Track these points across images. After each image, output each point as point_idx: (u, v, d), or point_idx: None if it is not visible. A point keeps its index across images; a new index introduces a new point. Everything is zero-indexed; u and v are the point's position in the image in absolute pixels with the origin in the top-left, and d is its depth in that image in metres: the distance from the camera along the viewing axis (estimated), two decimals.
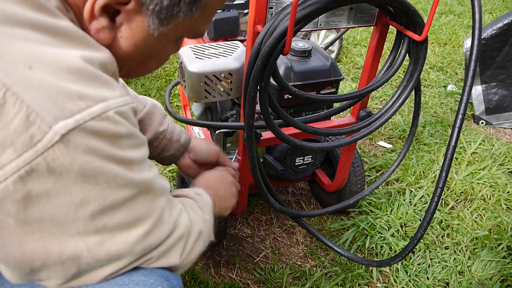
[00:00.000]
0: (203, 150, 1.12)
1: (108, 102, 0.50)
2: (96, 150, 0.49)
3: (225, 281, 1.36)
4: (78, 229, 0.52)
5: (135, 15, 0.55)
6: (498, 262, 1.45)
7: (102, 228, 0.54)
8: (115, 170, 0.52)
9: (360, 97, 1.08)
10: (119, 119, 0.51)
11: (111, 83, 0.53)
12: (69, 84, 0.47)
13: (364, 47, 3.23)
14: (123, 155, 0.53)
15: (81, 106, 0.47)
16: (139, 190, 0.56)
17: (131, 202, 0.56)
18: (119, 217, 0.55)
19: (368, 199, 1.68)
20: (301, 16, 0.82)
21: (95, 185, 0.50)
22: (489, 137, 2.16)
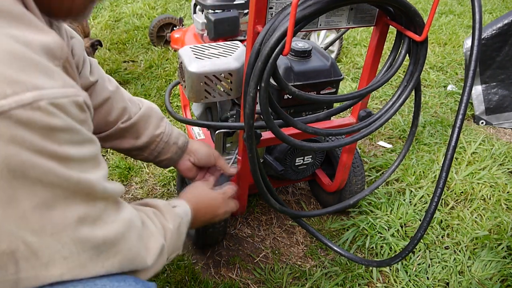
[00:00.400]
0: (204, 153, 1.13)
1: (42, 91, 0.45)
2: (24, 141, 0.44)
3: (225, 281, 1.36)
4: (10, 231, 0.47)
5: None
6: (498, 262, 1.45)
7: (39, 230, 0.49)
8: (47, 165, 0.47)
9: (360, 97, 1.08)
10: (53, 111, 0.46)
11: (51, 71, 0.48)
12: (5, 66, 0.43)
13: (364, 47, 3.23)
14: (57, 150, 0.48)
15: (7, 92, 0.42)
16: (76, 190, 0.51)
17: (67, 202, 0.51)
18: (56, 217, 0.50)
19: (368, 199, 1.68)
20: (301, 17, 0.82)
21: (24, 181, 0.45)
22: (489, 137, 2.16)
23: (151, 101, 1.13)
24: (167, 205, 0.81)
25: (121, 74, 2.57)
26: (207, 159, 1.13)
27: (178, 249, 0.80)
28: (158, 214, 0.77)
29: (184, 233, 0.83)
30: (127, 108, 1.02)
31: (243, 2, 1.52)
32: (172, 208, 0.82)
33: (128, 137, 1.03)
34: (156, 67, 2.67)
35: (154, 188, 1.71)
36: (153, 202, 0.80)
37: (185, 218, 0.85)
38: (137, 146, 1.05)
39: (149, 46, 2.97)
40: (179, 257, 1.41)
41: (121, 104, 1.01)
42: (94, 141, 0.56)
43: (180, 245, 0.80)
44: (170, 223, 0.76)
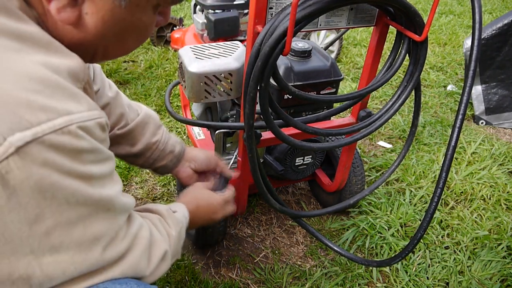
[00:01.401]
0: (203, 158, 1.13)
1: (72, 116, 0.48)
2: (55, 164, 0.47)
3: (225, 281, 1.36)
4: (32, 247, 0.49)
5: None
6: (498, 262, 1.45)
7: (58, 246, 0.51)
8: (74, 185, 0.50)
9: (360, 97, 1.08)
10: (82, 134, 0.49)
11: (78, 96, 0.51)
12: (31, 94, 0.45)
13: (364, 47, 3.23)
14: (83, 170, 0.50)
15: (41, 119, 0.45)
16: (98, 207, 0.54)
17: (90, 220, 0.53)
18: (76, 234, 0.52)
19: (368, 199, 1.68)
20: (301, 17, 0.82)
21: (52, 201, 0.48)
22: (489, 137, 2.17)
23: (151, 101, 1.13)
24: (168, 211, 0.82)
25: (121, 74, 2.57)
26: (207, 163, 1.13)
27: (178, 254, 0.81)
28: (162, 220, 0.78)
29: (183, 237, 0.84)
30: (124, 114, 1.01)
31: (243, 2, 1.52)
32: (173, 214, 0.83)
33: (123, 143, 1.03)
34: (156, 67, 2.67)
35: (154, 188, 1.71)
36: (155, 208, 0.81)
37: (184, 222, 0.86)
38: (132, 153, 1.04)
39: (149, 46, 2.97)
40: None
41: (119, 110, 1.00)
42: (112, 157, 0.59)
43: (179, 249, 0.82)
44: (173, 230, 0.78)
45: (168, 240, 0.75)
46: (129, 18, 0.56)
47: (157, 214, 0.80)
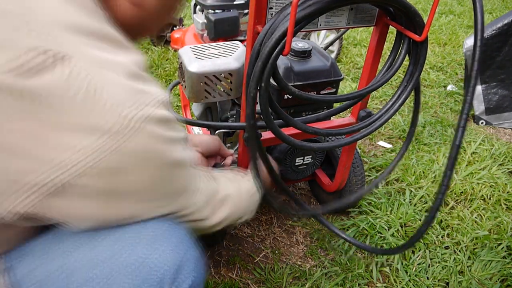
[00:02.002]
0: (209, 141, 1.16)
1: (158, 95, 0.59)
2: (160, 134, 0.58)
3: (225, 281, 1.36)
4: (141, 201, 0.63)
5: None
6: (498, 262, 1.45)
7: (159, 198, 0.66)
8: (171, 150, 0.62)
9: (360, 97, 1.08)
10: (167, 107, 0.60)
11: (154, 81, 0.62)
12: (134, 83, 0.56)
13: (364, 47, 3.23)
14: (175, 136, 0.62)
15: (146, 99, 0.56)
16: (185, 166, 0.68)
17: (182, 176, 0.68)
18: (172, 189, 0.67)
19: (368, 199, 1.68)
20: (301, 17, 0.82)
21: (160, 165, 0.60)
22: (489, 137, 2.17)
23: None
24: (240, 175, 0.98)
25: None
26: (213, 146, 1.17)
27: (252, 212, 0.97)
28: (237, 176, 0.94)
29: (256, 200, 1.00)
30: None
31: (243, 2, 1.52)
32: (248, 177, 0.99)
33: None
34: (156, 67, 2.67)
35: None
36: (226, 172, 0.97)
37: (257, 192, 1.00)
38: None
39: (149, 46, 2.97)
40: None
41: None
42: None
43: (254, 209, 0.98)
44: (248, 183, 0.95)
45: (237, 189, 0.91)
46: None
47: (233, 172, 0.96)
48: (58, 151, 0.52)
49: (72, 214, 0.59)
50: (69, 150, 0.52)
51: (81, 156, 0.53)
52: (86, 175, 0.54)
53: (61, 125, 0.51)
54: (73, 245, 0.63)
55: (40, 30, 0.50)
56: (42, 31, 0.50)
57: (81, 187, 0.55)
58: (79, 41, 0.53)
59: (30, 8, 0.51)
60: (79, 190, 0.55)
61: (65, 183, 0.53)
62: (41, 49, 0.49)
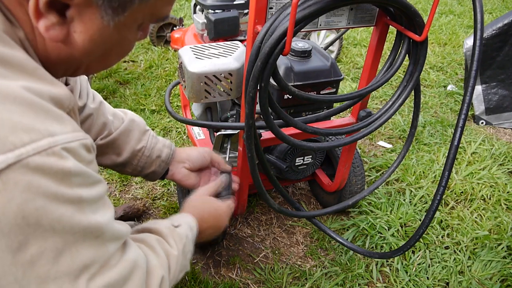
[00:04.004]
0: (196, 156, 1.11)
1: (56, 137, 0.47)
2: (40, 187, 0.45)
3: (225, 281, 1.36)
4: (16, 277, 0.46)
5: (85, 8, 0.50)
6: (498, 262, 1.45)
7: (44, 275, 0.48)
8: (60, 210, 0.47)
9: (360, 97, 1.08)
10: (66, 155, 0.47)
11: (62, 118, 0.50)
12: (14, 115, 0.44)
13: (364, 47, 3.23)
14: (71, 194, 0.48)
15: (24, 140, 0.44)
16: (86, 234, 0.51)
17: (77, 247, 0.50)
18: (63, 263, 0.49)
19: (368, 199, 1.68)
20: (301, 17, 0.82)
21: (36, 227, 0.46)
22: (489, 137, 2.17)
23: (151, 101, 1.12)
24: (170, 228, 0.79)
25: (121, 74, 2.57)
26: (202, 160, 1.12)
27: (185, 267, 0.79)
28: (161, 241, 0.75)
29: (190, 251, 0.81)
30: (107, 124, 0.99)
31: (243, 2, 1.51)
32: (175, 229, 0.80)
33: (109, 153, 1.01)
34: (156, 67, 2.67)
35: (154, 188, 1.71)
36: (155, 227, 0.78)
37: (190, 235, 0.83)
38: (119, 162, 1.02)
39: (149, 46, 2.97)
40: None
41: (102, 119, 0.98)
42: (102, 181, 0.57)
43: (187, 264, 0.80)
44: (174, 249, 0.75)
45: (167, 262, 0.72)
46: (116, 37, 0.56)
47: (157, 234, 0.77)
48: None
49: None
50: None
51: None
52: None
53: None
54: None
55: None
56: None
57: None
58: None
59: None
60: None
61: None
62: None
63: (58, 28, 0.51)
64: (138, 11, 0.54)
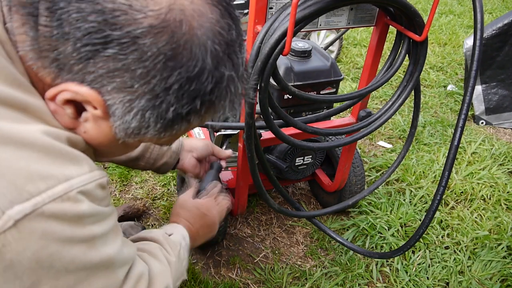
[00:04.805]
0: (202, 146, 1.16)
1: (72, 181, 0.47)
2: (54, 233, 0.46)
3: (225, 281, 1.36)
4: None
5: (102, 121, 0.52)
6: (498, 262, 1.45)
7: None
8: (73, 252, 0.48)
9: (360, 97, 1.08)
10: (81, 199, 0.48)
11: (79, 158, 0.50)
12: (31, 163, 0.45)
13: (364, 47, 3.23)
14: (84, 233, 0.49)
15: (41, 188, 0.44)
16: (97, 268, 0.53)
17: (88, 281, 0.52)
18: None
19: (368, 199, 1.68)
20: (301, 17, 0.82)
21: (50, 269, 0.47)
22: (489, 137, 2.16)
23: None
24: (164, 236, 0.81)
25: None
26: (207, 150, 1.16)
27: (182, 275, 0.80)
28: (162, 249, 0.76)
29: (185, 258, 0.83)
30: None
31: (243, 2, 1.51)
32: (169, 237, 0.81)
33: None
34: None
35: (154, 188, 1.71)
36: (151, 236, 0.79)
37: (183, 243, 0.84)
38: (133, 157, 1.05)
39: None
40: None
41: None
42: (113, 212, 0.57)
43: (183, 270, 0.81)
44: (172, 256, 0.76)
45: (169, 269, 0.73)
46: (122, 145, 0.58)
47: (155, 242, 0.78)
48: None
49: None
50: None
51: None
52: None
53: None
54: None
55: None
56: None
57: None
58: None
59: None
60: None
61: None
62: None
63: (69, 119, 0.52)
64: (147, 139, 0.56)
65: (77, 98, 0.49)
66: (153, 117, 0.51)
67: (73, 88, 0.48)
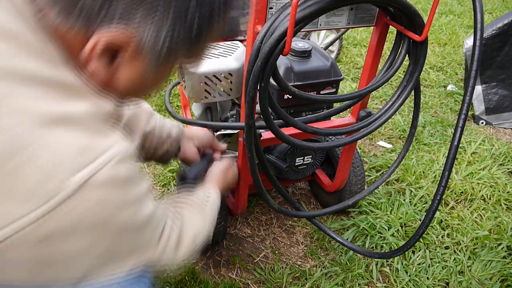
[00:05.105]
0: (203, 135, 1.17)
1: (112, 150, 0.53)
2: (107, 199, 0.53)
3: (225, 281, 1.36)
4: (85, 264, 0.56)
5: (133, 58, 0.55)
6: (498, 262, 1.45)
7: (108, 259, 0.59)
8: (125, 213, 0.56)
9: (360, 97, 1.08)
10: (122, 164, 0.54)
11: (112, 131, 0.56)
12: (81, 137, 0.51)
13: (364, 47, 3.23)
14: (131, 197, 0.57)
15: (91, 157, 0.51)
16: (143, 226, 0.62)
17: (136, 237, 0.61)
18: (123, 251, 0.60)
19: (368, 199, 1.68)
20: (301, 17, 0.82)
21: (105, 230, 0.55)
22: (489, 137, 2.17)
23: (151, 101, 1.13)
24: (204, 198, 0.94)
25: None
26: (208, 139, 1.17)
27: (210, 233, 0.91)
28: (200, 208, 0.89)
29: (216, 218, 0.95)
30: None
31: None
32: (208, 200, 0.94)
33: None
34: None
35: (154, 188, 1.71)
36: (194, 197, 0.92)
37: (217, 204, 0.98)
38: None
39: None
40: None
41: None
42: (145, 176, 0.64)
43: (212, 229, 0.92)
44: (209, 215, 0.89)
45: (203, 223, 0.85)
46: (155, 77, 0.61)
47: (196, 201, 0.90)
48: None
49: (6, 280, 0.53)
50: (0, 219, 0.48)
51: (7, 223, 0.48)
52: (15, 242, 0.49)
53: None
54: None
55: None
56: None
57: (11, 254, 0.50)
58: (10, 90, 0.48)
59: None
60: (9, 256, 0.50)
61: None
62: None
63: (104, 71, 0.56)
64: (180, 59, 0.60)
65: (111, 42, 0.52)
66: (182, 30, 0.54)
67: (105, 34, 0.51)
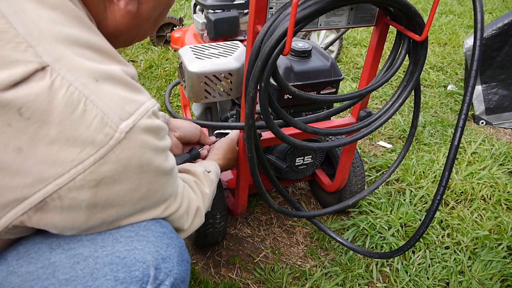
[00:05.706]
0: (188, 127, 1.16)
1: (147, 104, 0.61)
2: (148, 143, 0.60)
3: (225, 281, 1.36)
4: (127, 209, 0.63)
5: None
6: (498, 262, 1.45)
7: (144, 205, 0.66)
8: (159, 159, 0.64)
9: (360, 97, 1.08)
10: (155, 116, 0.62)
11: (142, 89, 0.65)
12: (123, 91, 0.59)
13: (364, 47, 3.23)
14: (162, 145, 0.64)
15: (133, 108, 0.58)
16: (170, 174, 0.69)
17: (166, 185, 0.69)
18: (157, 197, 0.67)
19: (368, 199, 1.68)
20: (301, 17, 0.82)
21: (147, 174, 0.62)
22: (489, 137, 2.16)
23: None
24: (204, 173, 0.98)
25: None
26: (192, 131, 1.16)
27: (209, 207, 0.97)
28: (198, 182, 0.93)
29: (215, 193, 1.01)
30: None
31: (243, 2, 1.52)
32: (208, 175, 0.99)
33: None
34: (156, 67, 2.67)
35: None
36: (193, 170, 0.96)
37: (215, 180, 1.02)
38: None
39: (149, 46, 2.96)
40: None
41: None
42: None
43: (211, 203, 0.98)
44: (207, 189, 0.94)
45: (202, 198, 0.90)
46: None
47: (194, 176, 0.95)
48: (44, 165, 0.52)
49: (58, 224, 0.58)
50: (56, 164, 0.53)
51: (68, 169, 0.53)
52: (73, 187, 0.54)
53: (46, 138, 0.52)
54: (55, 244, 0.63)
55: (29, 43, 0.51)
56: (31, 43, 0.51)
57: (69, 200, 0.55)
58: (66, 52, 0.54)
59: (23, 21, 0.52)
60: (67, 202, 0.55)
61: (50, 196, 0.53)
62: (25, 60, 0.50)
63: (133, 2, 0.67)
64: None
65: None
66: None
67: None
